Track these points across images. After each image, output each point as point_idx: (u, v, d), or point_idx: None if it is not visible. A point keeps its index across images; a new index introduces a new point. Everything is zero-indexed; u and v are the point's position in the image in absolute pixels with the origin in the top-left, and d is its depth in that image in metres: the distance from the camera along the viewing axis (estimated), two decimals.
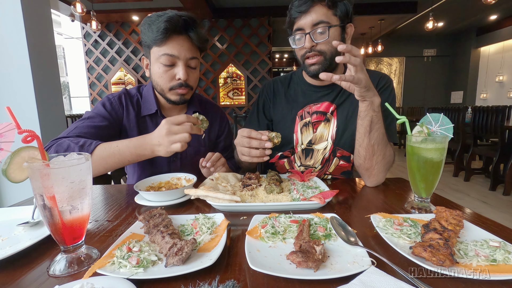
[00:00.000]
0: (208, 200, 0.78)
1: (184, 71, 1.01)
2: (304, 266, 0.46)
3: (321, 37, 0.98)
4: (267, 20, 5.83)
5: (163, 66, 1.01)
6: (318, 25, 0.97)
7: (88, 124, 1.00)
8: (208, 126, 1.23)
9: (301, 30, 1.00)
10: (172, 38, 0.99)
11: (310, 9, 0.97)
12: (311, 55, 1.01)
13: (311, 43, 0.99)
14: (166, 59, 0.99)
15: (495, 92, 7.42)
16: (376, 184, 0.98)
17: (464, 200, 3.39)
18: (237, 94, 6.16)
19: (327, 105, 1.13)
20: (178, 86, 1.03)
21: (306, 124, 1.14)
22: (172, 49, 0.99)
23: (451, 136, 0.72)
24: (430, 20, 5.20)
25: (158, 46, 1.00)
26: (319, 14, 0.97)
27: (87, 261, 0.53)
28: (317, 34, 0.98)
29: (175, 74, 1.02)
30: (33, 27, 1.91)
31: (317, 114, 1.13)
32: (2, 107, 0.75)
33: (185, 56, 1.01)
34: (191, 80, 1.07)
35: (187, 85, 1.04)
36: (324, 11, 0.97)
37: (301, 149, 1.15)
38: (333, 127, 1.12)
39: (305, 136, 1.15)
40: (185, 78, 1.02)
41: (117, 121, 1.09)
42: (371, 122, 0.92)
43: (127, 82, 6.08)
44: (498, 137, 3.51)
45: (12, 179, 0.51)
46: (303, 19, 0.98)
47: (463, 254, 0.51)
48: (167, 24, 0.95)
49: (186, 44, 1.01)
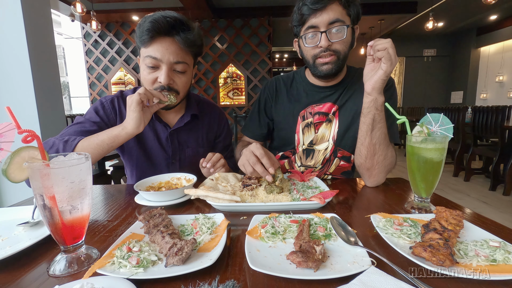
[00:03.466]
0: (208, 200, 0.78)
1: (165, 75, 0.96)
2: (304, 266, 0.46)
3: (337, 36, 0.96)
4: (267, 20, 5.83)
5: (147, 68, 0.98)
6: (335, 23, 0.94)
7: (76, 129, 1.02)
8: (207, 126, 1.24)
9: (314, 28, 0.97)
10: (157, 40, 0.95)
11: (327, 7, 0.93)
12: (326, 54, 0.99)
13: (328, 42, 0.96)
14: (150, 61, 0.96)
15: (495, 92, 7.42)
16: (376, 184, 0.98)
17: (464, 200, 3.39)
18: (237, 94, 6.16)
19: (329, 105, 1.12)
20: (160, 89, 0.99)
21: (308, 124, 1.14)
22: (156, 52, 0.95)
23: (451, 136, 0.72)
24: (430, 20, 5.21)
25: (144, 48, 0.97)
26: (336, 12, 0.94)
27: (87, 261, 0.53)
28: (333, 33, 0.96)
29: (157, 77, 0.98)
30: (33, 27, 1.91)
31: (319, 115, 1.12)
32: (2, 107, 0.75)
33: (169, 60, 0.96)
34: (178, 85, 1.01)
35: (170, 89, 0.99)
36: (340, 9, 0.95)
37: (302, 149, 1.15)
38: (335, 127, 1.12)
39: (306, 137, 1.14)
40: (166, 82, 0.96)
41: (108, 126, 1.08)
42: (374, 120, 0.92)
43: (127, 82, 6.08)
44: (498, 137, 3.51)
45: (12, 179, 0.51)
46: (318, 17, 0.94)
47: (463, 254, 0.51)
48: (149, 25, 0.92)
49: (172, 47, 0.96)
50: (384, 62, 0.86)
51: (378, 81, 0.89)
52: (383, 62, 0.86)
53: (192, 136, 1.19)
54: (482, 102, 7.67)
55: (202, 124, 1.22)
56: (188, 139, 1.18)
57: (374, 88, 0.90)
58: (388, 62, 0.85)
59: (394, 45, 0.85)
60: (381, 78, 0.88)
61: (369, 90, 0.92)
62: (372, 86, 0.91)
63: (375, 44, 0.87)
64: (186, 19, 0.99)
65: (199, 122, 1.21)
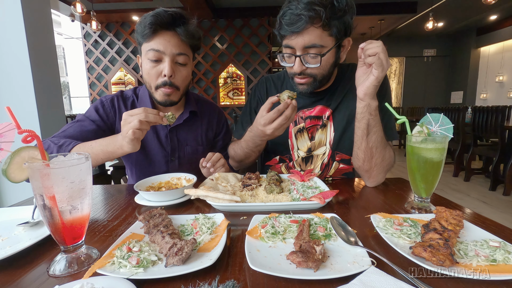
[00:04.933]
0: (208, 200, 0.78)
1: (169, 66, 0.99)
2: (304, 266, 0.46)
3: (312, 62, 0.93)
4: (267, 20, 5.82)
5: (150, 62, 1.00)
6: (311, 49, 0.90)
7: (76, 128, 1.02)
8: (206, 125, 1.24)
9: (291, 49, 0.93)
10: (159, 34, 0.98)
11: (303, 31, 0.88)
12: (301, 76, 0.97)
13: (301, 67, 0.94)
14: (153, 54, 0.99)
15: (495, 92, 7.42)
16: (376, 184, 0.98)
17: (464, 200, 3.39)
18: (237, 94, 6.16)
19: (321, 108, 1.10)
20: (163, 85, 1.01)
21: (300, 130, 1.12)
22: (159, 45, 0.98)
23: (451, 136, 0.72)
24: (430, 20, 5.21)
25: (146, 42, 1.00)
26: (313, 37, 0.88)
27: (87, 261, 0.53)
28: (309, 57, 0.92)
29: (162, 70, 1.01)
30: (33, 27, 1.91)
31: (310, 119, 1.10)
32: (2, 107, 0.75)
33: (172, 52, 0.99)
34: (178, 79, 1.03)
35: (171, 84, 1.02)
36: (319, 33, 0.88)
37: (301, 156, 1.14)
38: (331, 132, 1.10)
39: (300, 142, 1.13)
40: (169, 73, 0.99)
41: (108, 125, 1.10)
42: (368, 125, 0.91)
43: (127, 82, 6.08)
44: (498, 137, 3.51)
45: (12, 179, 0.51)
46: (294, 39, 0.90)
47: (463, 254, 0.51)
48: (152, 19, 0.96)
49: (173, 39, 0.99)
50: (375, 68, 0.83)
51: (370, 87, 0.87)
52: (375, 68, 0.83)
53: (191, 134, 1.19)
54: (482, 102, 7.67)
55: (201, 123, 1.22)
56: (187, 137, 1.18)
57: (366, 94, 0.88)
58: (380, 68, 0.82)
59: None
60: (373, 84, 0.86)
61: (362, 96, 0.90)
62: (364, 92, 0.88)
63: (366, 48, 0.84)
64: (184, 13, 1.02)
65: (198, 121, 1.21)
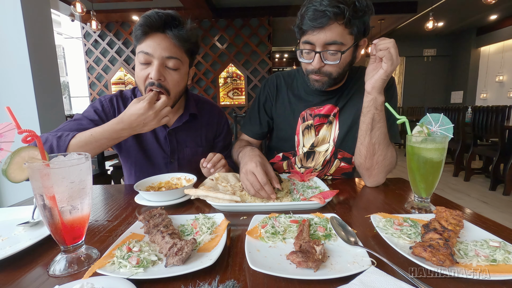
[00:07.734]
0: (208, 200, 0.78)
1: (156, 70, 0.94)
2: (304, 266, 0.46)
3: (332, 59, 0.93)
4: (267, 20, 5.82)
5: (140, 64, 0.98)
6: (331, 45, 0.90)
7: (73, 126, 1.01)
8: (206, 126, 1.24)
9: (311, 45, 0.93)
10: (150, 36, 0.95)
11: (326, 27, 0.88)
12: (317, 74, 0.98)
13: (320, 64, 0.94)
14: (142, 56, 0.96)
15: (495, 92, 7.42)
16: (376, 184, 0.98)
17: (464, 200, 3.39)
18: (237, 94, 6.16)
19: (330, 107, 1.11)
20: (149, 85, 0.97)
21: (308, 126, 1.13)
22: (148, 47, 0.95)
23: (451, 136, 0.72)
24: (430, 20, 5.21)
25: (138, 44, 0.98)
26: (335, 33, 0.88)
27: (87, 261, 0.53)
28: (328, 54, 0.92)
29: (149, 73, 0.97)
30: (33, 27, 1.91)
31: (319, 117, 1.11)
32: (2, 107, 0.75)
33: (161, 55, 0.95)
34: (169, 83, 0.99)
35: (159, 86, 0.96)
36: (340, 30, 0.88)
37: (303, 152, 1.15)
38: (335, 129, 1.11)
39: (306, 139, 1.13)
40: (156, 77, 0.95)
41: None
42: (373, 120, 0.92)
43: (127, 82, 6.08)
44: (498, 137, 3.51)
45: (12, 179, 0.51)
46: (315, 35, 0.90)
47: (463, 254, 0.51)
48: (142, 21, 0.94)
49: (164, 42, 0.96)
50: (385, 61, 0.86)
51: (378, 80, 0.89)
52: (384, 62, 0.86)
53: (191, 135, 1.19)
54: (482, 102, 7.67)
55: (201, 124, 1.22)
56: (186, 139, 1.18)
57: (374, 87, 0.91)
58: (389, 62, 0.85)
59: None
60: (381, 77, 0.88)
61: (369, 89, 0.92)
62: (372, 85, 0.91)
63: (378, 44, 0.87)
64: (178, 15, 0.99)
65: (198, 122, 1.21)
